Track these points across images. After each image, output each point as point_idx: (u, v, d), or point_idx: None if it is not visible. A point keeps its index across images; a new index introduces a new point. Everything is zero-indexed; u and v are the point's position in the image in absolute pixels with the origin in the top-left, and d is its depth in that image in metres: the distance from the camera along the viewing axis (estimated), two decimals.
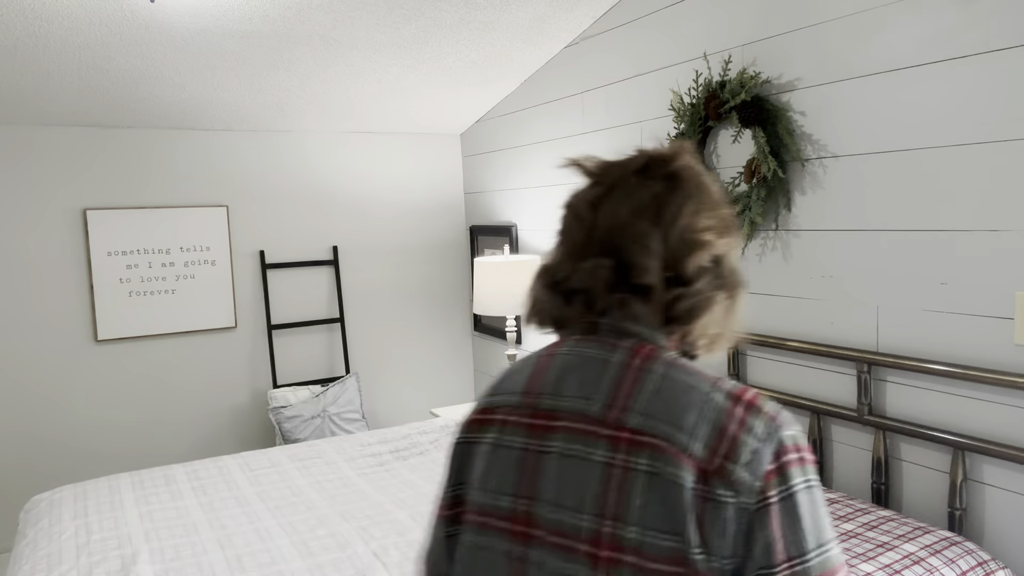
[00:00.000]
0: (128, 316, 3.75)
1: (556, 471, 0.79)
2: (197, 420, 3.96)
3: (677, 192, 0.84)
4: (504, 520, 0.82)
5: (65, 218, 3.63)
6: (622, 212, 0.84)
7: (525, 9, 2.96)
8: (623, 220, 0.83)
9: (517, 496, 0.82)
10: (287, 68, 3.26)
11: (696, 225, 0.83)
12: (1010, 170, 1.82)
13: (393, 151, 4.37)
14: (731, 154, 2.62)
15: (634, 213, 0.83)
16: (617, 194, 0.85)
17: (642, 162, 0.87)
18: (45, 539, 2.04)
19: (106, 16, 2.61)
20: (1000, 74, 1.83)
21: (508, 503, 0.82)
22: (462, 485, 0.89)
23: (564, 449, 0.80)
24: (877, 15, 2.09)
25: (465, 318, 4.65)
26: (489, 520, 0.83)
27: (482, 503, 0.85)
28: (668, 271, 0.82)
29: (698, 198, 0.85)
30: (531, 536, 0.80)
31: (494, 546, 0.83)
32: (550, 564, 0.78)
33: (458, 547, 0.88)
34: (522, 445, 0.83)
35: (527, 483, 0.81)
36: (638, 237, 0.82)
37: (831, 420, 2.32)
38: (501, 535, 0.82)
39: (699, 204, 0.84)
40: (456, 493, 0.90)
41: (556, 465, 0.80)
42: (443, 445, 2.73)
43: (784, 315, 2.46)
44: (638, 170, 0.86)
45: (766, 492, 0.74)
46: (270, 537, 1.99)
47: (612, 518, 0.75)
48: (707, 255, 0.83)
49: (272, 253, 4.08)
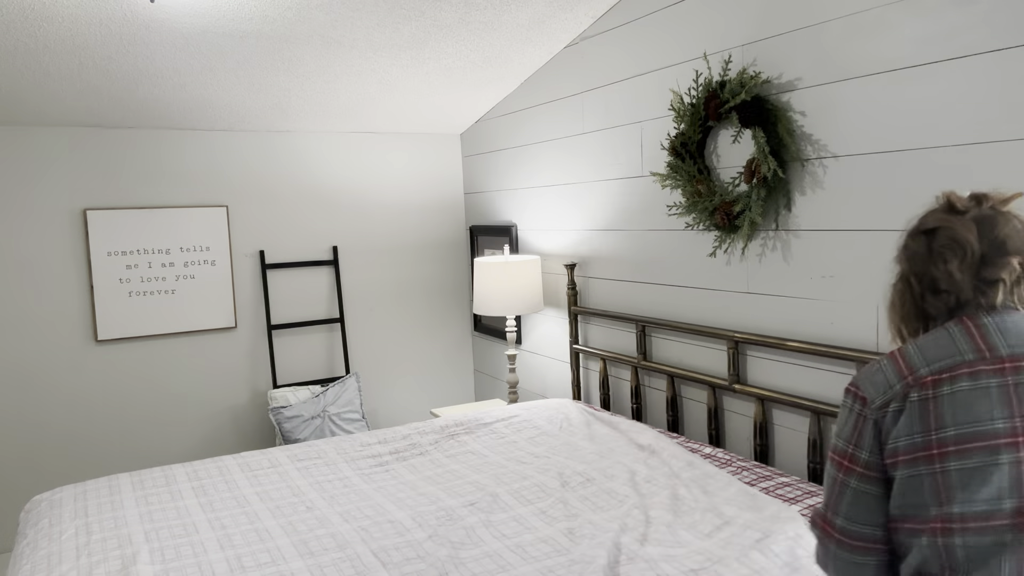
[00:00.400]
0: (128, 316, 3.75)
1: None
2: (197, 420, 3.96)
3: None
4: (999, 438, 1.09)
5: (65, 218, 3.63)
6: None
7: (525, 9, 2.96)
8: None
9: (1011, 417, 1.10)
10: (287, 68, 3.26)
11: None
12: (1010, 170, 1.82)
13: (393, 151, 4.37)
14: (731, 154, 2.62)
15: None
16: (997, 221, 1.20)
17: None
18: (45, 539, 2.04)
19: (106, 16, 2.61)
20: (1000, 74, 1.83)
21: (1004, 424, 1.10)
22: (921, 434, 1.14)
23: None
24: (877, 15, 2.09)
25: (465, 318, 4.65)
26: (974, 445, 1.10)
27: (961, 434, 1.11)
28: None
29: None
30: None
31: (987, 461, 1.09)
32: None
33: (934, 477, 1.12)
34: (999, 383, 1.11)
35: (1018, 406, 1.10)
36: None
37: (831, 420, 2.32)
38: (993, 451, 1.09)
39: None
40: (914, 442, 1.14)
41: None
42: (443, 446, 2.73)
43: (784, 315, 2.46)
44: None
45: None
46: (270, 537, 1.99)
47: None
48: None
49: (272, 253, 4.08)
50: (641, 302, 3.12)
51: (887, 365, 1.21)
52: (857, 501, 1.19)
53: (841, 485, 1.20)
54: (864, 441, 1.19)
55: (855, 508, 1.19)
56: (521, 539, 1.93)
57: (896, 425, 1.16)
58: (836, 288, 2.28)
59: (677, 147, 2.70)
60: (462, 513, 2.10)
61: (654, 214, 3.00)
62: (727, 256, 2.67)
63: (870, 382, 1.21)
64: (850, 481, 1.19)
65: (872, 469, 1.18)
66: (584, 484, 2.25)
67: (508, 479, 2.34)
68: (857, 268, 2.21)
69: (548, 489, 2.24)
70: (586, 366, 3.53)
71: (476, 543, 1.92)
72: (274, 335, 4.11)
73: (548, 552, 1.84)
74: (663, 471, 2.32)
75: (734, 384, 2.62)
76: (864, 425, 1.19)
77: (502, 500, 2.18)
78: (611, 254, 3.28)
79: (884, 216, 2.13)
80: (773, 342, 2.44)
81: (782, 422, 2.50)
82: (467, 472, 2.44)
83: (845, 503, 1.20)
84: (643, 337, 3.07)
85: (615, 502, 2.12)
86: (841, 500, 1.20)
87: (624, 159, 3.13)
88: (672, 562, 1.74)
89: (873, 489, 1.18)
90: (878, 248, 2.15)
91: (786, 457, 2.48)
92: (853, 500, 1.19)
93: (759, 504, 2.02)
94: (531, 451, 2.62)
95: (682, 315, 2.91)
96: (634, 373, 3.13)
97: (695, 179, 2.67)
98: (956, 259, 1.19)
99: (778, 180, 2.39)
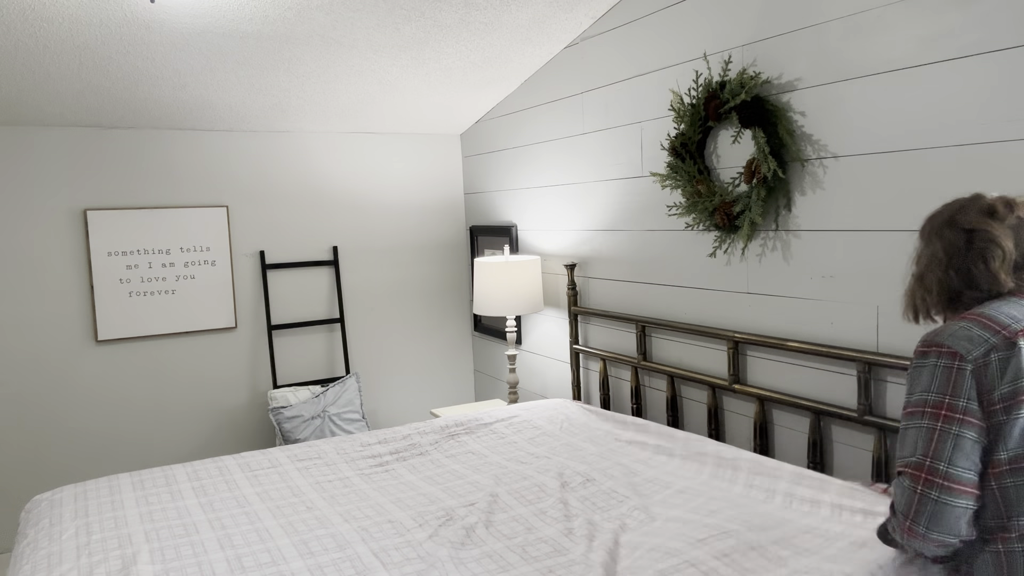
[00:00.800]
0: (128, 316, 3.75)
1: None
2: (197, 420, 3.96)
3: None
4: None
5: (65, 218, 3.63)
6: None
7: (525, 9, 2.96)
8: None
9: None
10: (287, 68, 3.26)
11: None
12: (1010, 170, 1.82)
13: (393, 151, 4.37)
14: (731, 154, 2.62)
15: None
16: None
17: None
18: (46, 539, 2.04)
19: (106, 16, 2.61)
20: (1000, 74, 1.83)
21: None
22: (1015, 381, 1.29)
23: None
24: (877, 15, 2.09)
25: (465, 318, 4.65)
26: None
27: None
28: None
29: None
30: None
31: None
32: None
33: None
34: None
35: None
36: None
37: (831, 420, 2.32)
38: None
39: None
40: (1009, 390, 1.29)
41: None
42: (443, 446, 2.73)
43: (784, 315, 2.46)
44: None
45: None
46: (270, 537, 1.99)
47: None
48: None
49: (272, 253, 4.08)
50: (641, 302, 3.12)
51: (971, 325, 1.34)
52: (959, 447, 1.30)
53: (942, 433, 1.31)
54: (961, 390, 1.31)
55: (958, 454, 1.30)
56: (521, 539, 1.93)
57: (1005, 371, 1.29)
58: (836, 288, 2.28)
59: (677, 147, 2.70)
60: (462, 513, 2.11)
61: (654, 214, 3.00)
62: (727, 256, 2.67)
63: (959, 338, 1.33)
64: (951, 428, 1.31)
65: (972, 416, 1.30)
66: (584, 484, 2.25)
67: (508, 479, 2.35)
68: (857, 268, 2.21)
69: (548, 489, 2.24)
70: (586, 366, 3.53)
71: (476, 543, 1.92)
72: (274, 335, 4.11)
73: (548, 552, 1.84)
74: (665, 470, 2.32)
75: (734, 384, 2.62)
76: (960, 376, 1.31)
77: (502, 500, 2.18)
78: (611, 254, 3.28)
79: (884, 216, 2.13)
80: (773, 342, 2.44)
81: (782, 422, 2.50)
82: (467, 472, 2.44)
83: (949, 449, 1.30)
84: (643, 337, 3.08)
85: (615, 502, 2.12)
86: (943, 447, 1.30)
87: (624, 159, 3.14)
88: (669, 559, 1.74)
89: (973, 435, 1.30)
90: (878, 248, 2.15)
91: (786, 457, 2.48)
92: (956, 446, 1.30)
93: (760, 508, 2.02)
94: (531, 451, 2.62)
95: (682, 315, 2.91)
96: (634, 373, 3.13)
97: (695, 179, 2.67)
98: (996, 260, 1.34)
99: (778, 180, 2.40)
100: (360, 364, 4.35)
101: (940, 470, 1.30)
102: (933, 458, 1.31)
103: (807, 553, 1.70)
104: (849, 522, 1.83)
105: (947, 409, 1.32)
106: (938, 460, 1.31)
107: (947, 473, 1.30)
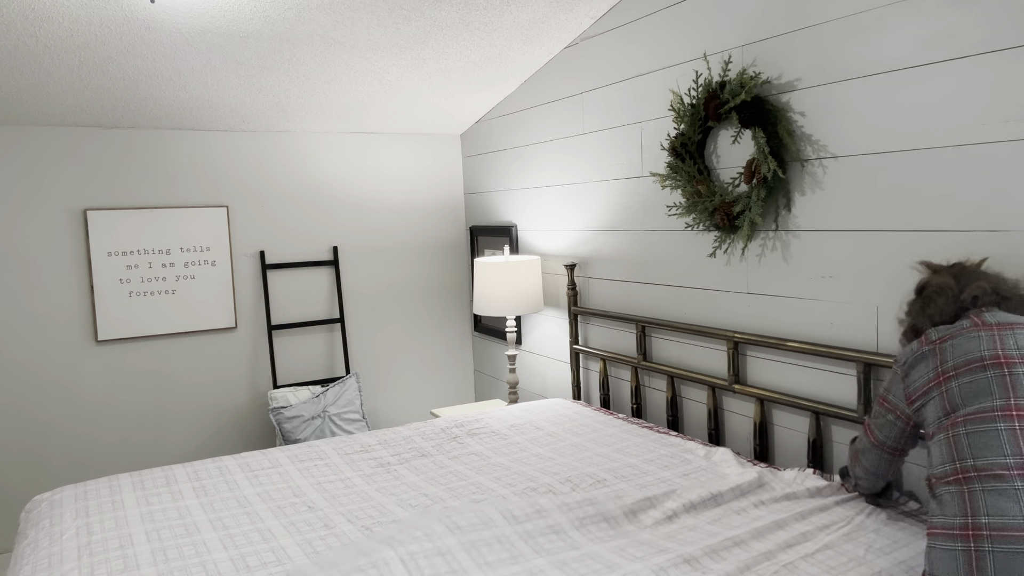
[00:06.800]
0: (128, 316, 3.75)
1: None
2: (197, 420, 3.96)
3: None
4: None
5: (65, 218, 3.63)
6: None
7: (525, 9, 2.96)
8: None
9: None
10: (287, 68, 3.26)
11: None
12: (1010, 170, 1.83)
13: (393, 151, 4.38)
14: (731, 154, 2.63)
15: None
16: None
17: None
18: (46, 539, 2.04)
19: (106, 16, 2.61)
20: (1000, 74, 1.83)
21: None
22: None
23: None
24: (877, 15, 2.09)
25: (465, 318, 4.65)
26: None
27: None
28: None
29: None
30: None
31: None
32: None
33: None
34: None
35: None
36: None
37: (831, 420, 2.33)
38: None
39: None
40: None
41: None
42: (445, 446, 2.73)
43: (784, 315, 2.47)
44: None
45: None
46: (273, 537, 1.99)
47: None
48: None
49: (272, 253, 4.08)
50: (641, 302, 3.13)
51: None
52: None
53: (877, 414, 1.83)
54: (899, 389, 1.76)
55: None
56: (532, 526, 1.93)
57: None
58: (836, 288, 2.29)
59: (677, 147, 2.71)
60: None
61: (654, 214, 3.01)
62: (727, 256, 2.68)
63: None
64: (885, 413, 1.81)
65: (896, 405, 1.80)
66: (594, 486, 2.25)
67: (510, 479, 2.35)
68: (857, 268, 2.22)
69: (557, 491, 2.24)
70: (586, 366, 3.53)
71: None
72: (274, 335, 4.11)
73: (561, 547, 1.84)
74: (667, 471, 2.33)
75: (734, 384, 2.63)
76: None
77: (508, 500, 2.18)
78: (611, 254, 3.29)
79: (884, 216, 2.13)
80: (773, 342, 2.44)
81: (782, 422, 2.50)
82: (469, 473, 2.44)
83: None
84: (643, 337, 3.08)
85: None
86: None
87: (624, 159, 3.14)
88: (668, 553, 1.74)
89: (892, 417, 1.81)
90: (878, 248, 2.15)
91: (786, 457, 2.48)
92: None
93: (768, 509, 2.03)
94: (534, 451, 2.62)
95: (682, 315, 2.91)
96: (634, 373, 3.14)
97: (695, 179, 2.67)
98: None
99: (778, 180, 2.40)
100: (360, 364, 4.35)
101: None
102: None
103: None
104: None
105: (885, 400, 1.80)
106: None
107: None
